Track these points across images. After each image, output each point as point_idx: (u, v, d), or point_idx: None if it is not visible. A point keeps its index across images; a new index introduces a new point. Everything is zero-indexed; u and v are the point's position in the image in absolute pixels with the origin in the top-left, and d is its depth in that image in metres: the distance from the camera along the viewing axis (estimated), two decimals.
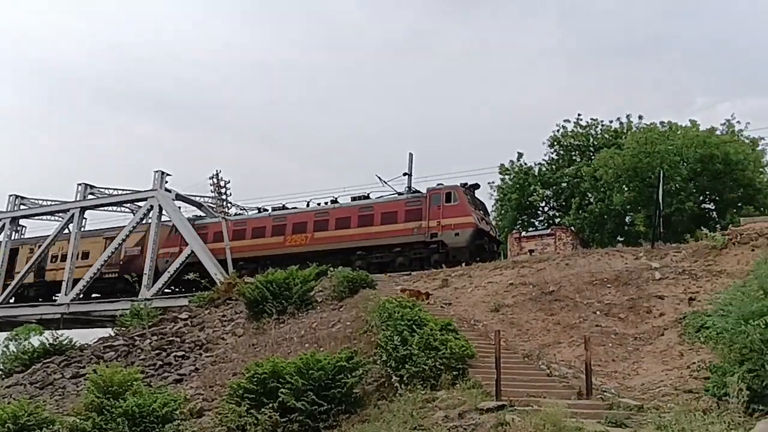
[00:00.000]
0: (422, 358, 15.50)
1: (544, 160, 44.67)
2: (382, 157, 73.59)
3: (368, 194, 35.72)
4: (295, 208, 38.03)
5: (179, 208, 41.86)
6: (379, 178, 37.93)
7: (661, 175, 26.30)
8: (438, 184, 33.58)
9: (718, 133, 38.04)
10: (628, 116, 43.33)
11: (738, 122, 39.18)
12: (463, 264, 27.95)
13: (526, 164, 44.75)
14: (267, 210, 39.00)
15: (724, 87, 73.28)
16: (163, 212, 40.40)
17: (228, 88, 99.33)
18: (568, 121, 44.47)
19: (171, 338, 24.14)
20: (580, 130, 44.18)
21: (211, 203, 41.70)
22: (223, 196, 40.65)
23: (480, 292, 23.52)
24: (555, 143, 44.55)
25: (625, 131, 42.62)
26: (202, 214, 42.83)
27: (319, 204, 37.21)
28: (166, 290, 38.64)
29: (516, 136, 75.56)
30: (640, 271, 22.03)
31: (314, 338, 20.19)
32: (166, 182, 41.02)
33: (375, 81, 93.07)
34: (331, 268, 27.88)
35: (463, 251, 30.49)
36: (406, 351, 15.77)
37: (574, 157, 43.95)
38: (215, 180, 41.01)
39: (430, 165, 76.97)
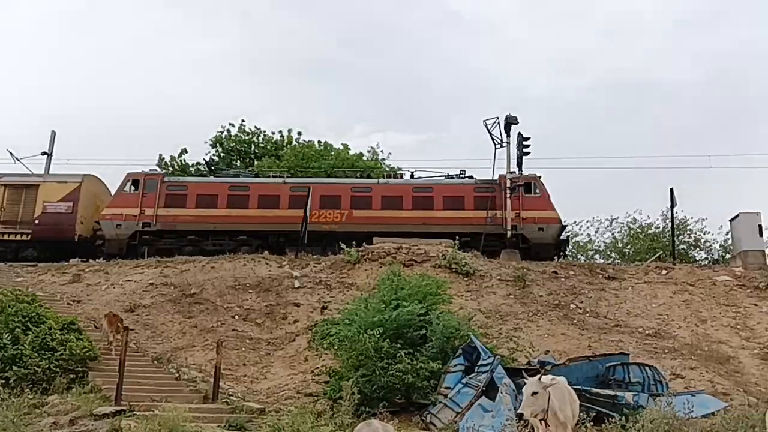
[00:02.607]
0: (35, 359, 13.94)
1: (204, 159, 44.18)
2: (22, 135, 65.35)
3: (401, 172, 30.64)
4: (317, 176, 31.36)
5: None
6: (11, 153, 33.55)
7: (310, 190, 27.69)
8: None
9: (365, 158, 42.00)
10: (289, 130, 45.22)
11: (382, 151, 44.04)
12: (124, 259, 25.82)
13: (185, 162, 43.70)
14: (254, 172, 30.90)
15: (379, 119, 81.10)
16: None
17: None
18: (233, 125, 44.77)
19: None
20: (244, 136, 44.74)
21: None
22: None
23: (116, 290, 22.05)
24: (218, 144, 44.41)
25: (285, 144, 44.33)
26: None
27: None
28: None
29: (182, 131, 73.42)
30: (281, 279, 22.81)
31: None
32: None
33: (35, 52, 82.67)
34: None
35: (548, 248, 27.56)
36: (16, 351, 14.00)
37: (234, 161, 44.25)
38: None
39: (81, 147, 70.46)
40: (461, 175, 30.35)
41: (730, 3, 79.79)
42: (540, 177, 29.19)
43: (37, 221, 28.62)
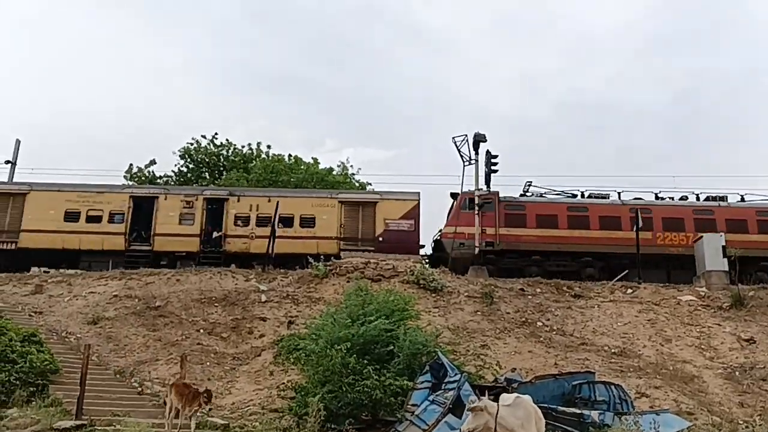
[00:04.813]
0: None
1: (173, 171, 43.74)
2: None
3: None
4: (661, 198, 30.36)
5: None
6: None
7: (278, 204, 27.66)
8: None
9: (334, 173, 42.03)
10: (258, 144, 45.03)
11: (351, 166, 44.22)
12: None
13: (152, 172, 43.22)
14: (573, 194, 30.17)
15: (349, 134, 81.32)
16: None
17: None
18: (204, 137, 44.43)
19: None
20: (214, 149, 44.43)
21: None
22: None
23: (79, 302, 21.63)
24: (187, 155, 43.99)
25: (255, 157, 44.13)
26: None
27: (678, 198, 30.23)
28: None
29: (149, 141, 72.74)
30: (248, 293, 22.58)
31: None
32: None
33: None
34: None
35: None
36: None
37: (204, 173, 43.88)
38: None
39: (44, 156, 69.53)
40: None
41: (690, 28, 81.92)
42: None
43: (380, 238, 28.45)
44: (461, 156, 29.53)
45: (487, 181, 29.74)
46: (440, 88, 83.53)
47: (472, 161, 29.58)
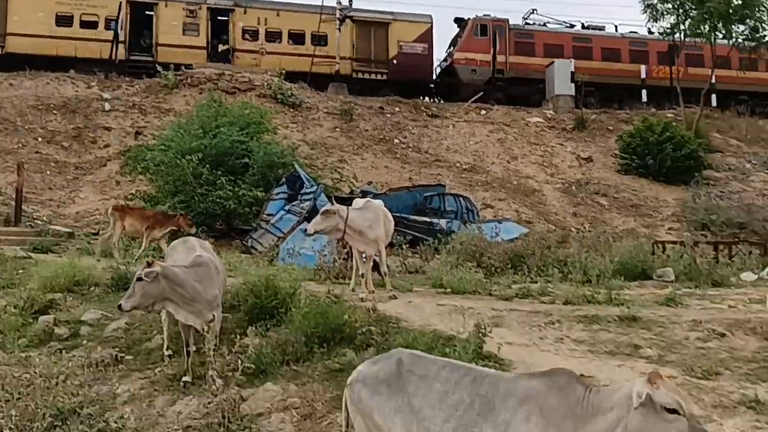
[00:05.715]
0: None
1: None
2: None
3: None
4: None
5: None
6: None
7: (121, 5, 25.09)
8: None
9: None
10: None
11: None
12: None
13: None
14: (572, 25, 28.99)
15: None
16: None
17: None
18: None
19: None
20: None
21: None
22: None
23: None
24: None
25: None
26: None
27: None
28: None
29: None
30: (90, 101, 20.96)
31: None
32: None
33: None
34: None
35: None
36: None
37: None
38: None
39: None
40: None
41: None
42: None
43: (394, 61, 26.78)
44: None
45: None
46: None
47: None
